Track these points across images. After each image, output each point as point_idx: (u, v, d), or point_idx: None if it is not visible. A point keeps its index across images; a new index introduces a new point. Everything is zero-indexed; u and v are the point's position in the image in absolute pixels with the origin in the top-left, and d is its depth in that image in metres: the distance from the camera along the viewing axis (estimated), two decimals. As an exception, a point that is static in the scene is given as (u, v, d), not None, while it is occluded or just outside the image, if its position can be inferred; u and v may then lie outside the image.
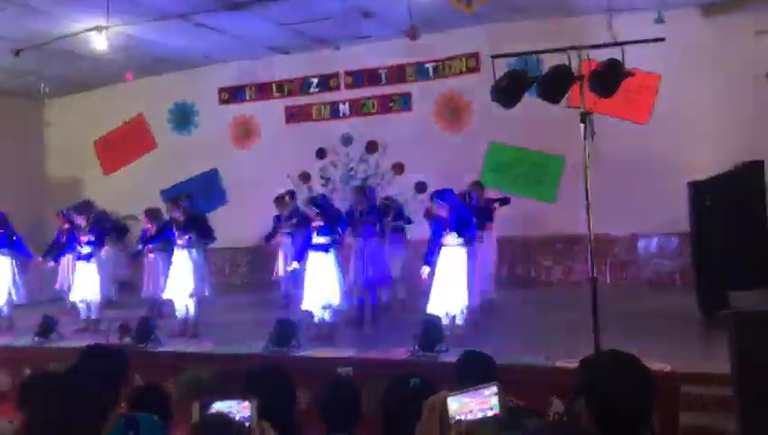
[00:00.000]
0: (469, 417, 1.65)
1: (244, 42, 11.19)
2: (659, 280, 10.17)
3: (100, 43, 9.96)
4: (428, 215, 8.27)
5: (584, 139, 4.95)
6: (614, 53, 5.20)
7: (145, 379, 6.04)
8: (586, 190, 5.04)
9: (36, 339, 7.91)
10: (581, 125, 4.99)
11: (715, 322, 6.69)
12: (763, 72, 7.83)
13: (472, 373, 2.80)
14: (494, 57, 4.88)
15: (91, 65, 11.65)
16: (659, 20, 8.10)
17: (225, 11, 9.07)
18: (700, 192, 7.21)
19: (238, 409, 1.90)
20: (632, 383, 1.80)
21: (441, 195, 7.06)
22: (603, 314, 5.37)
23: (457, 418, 1.63)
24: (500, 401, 1.68)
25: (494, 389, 1.70)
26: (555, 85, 4.88)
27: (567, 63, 4.91)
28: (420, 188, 11.30)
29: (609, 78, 4.83)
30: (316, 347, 6.95)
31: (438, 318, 6.72)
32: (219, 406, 1.95)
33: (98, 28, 9.75)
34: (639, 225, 9.97)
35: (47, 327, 7.93)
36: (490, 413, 1.67)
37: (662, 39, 4.99)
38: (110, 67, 11.62)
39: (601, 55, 5.25)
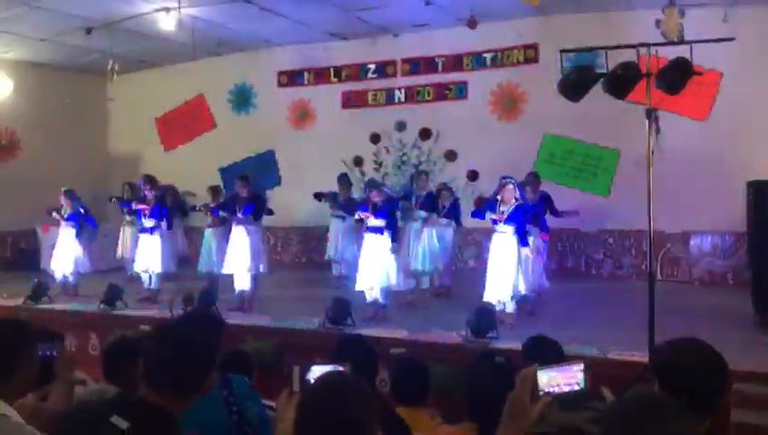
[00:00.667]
0: (556, 390, 1.79)
1: (305, 26, 11.40)
2: (711, 279, 10.11)
3: (167, 23, 10.29)
4: (480, 202, 8.44)
5: (648, 135, 4.99)
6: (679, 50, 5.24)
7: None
8: (648, 186, 5.10)
9: (102, 306, 8.30)
10: (646, 121, 5.03)
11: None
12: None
13: (540, 356, 2.94)
14: (562, 51, 4.96)
15: (155, 44, 11.99)
16: (726, 19, 8.00)
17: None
18: (760, 192, 7.16)
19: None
20: (707, 368, 1.93)
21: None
22: (656, 310, 5.44)
23: (546, 390, 1.78)
24: (585, 378, 1.82)
25: (581, 365, 1.84)
26: (622, 81, 4.94)
27: (635, 60, 4.96)
28: (472, 176, 11.40)
29: (677, 76, 4.88)
30: (370, 327, 7.16)
31: (492, 305, 6.87)
32: (318, 369, 2.13)
33: (166, 9, 10.08)
34: (693, 222, 9.90)
35: (113, 295, 8.31)
36: (576, 388, 1.81)
37: (731, 39, 5.02)
38: (173, 47, 11.93)
39: (666, 53, 5.31)
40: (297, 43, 12.51)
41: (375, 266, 7.64)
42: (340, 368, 2.15)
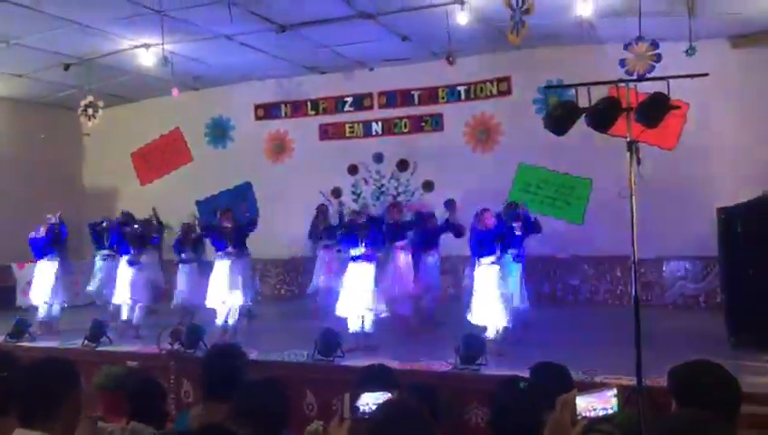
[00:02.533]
0: (592, 414, 1.94)
1: (282, 61, 11.60)
2: (684, 302, 10.43)
3: (146, 59, 10.37)
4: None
5: (630, 166, 5.23)
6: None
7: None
8: (632, 216, 5.31)
9: (86, 343, 8.24)
10: (627, 153, 5.27)
11: (744, 344, 7.00)
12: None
13: (547, 386, 3.06)
14: (547, 88, 5.19)
15: (133, 80, 12.06)
16: (691, 52, 8.38)
17: (276, 33, 9.43)
18: (730, 218, 7.47)
19: (384, 399, 2.17)
20: (723, 387, 2.11)
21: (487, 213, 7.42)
22: (632, 333, 5.61)
23: (584, 414, 1.92)
24: (618, 402, 1.97)
25: (615, 390, 1.99)
26: (604, 115, 5.18)
27: (615, 95, 5.22)
28: (450, 205, 11.58)
29: (656, 110, 5.14)
30: (359, 358, 7.22)
31: (480, 333, 7.02)
32: (368, 397, 2.22)
33: (146, 45, 10.18)
34: (666, 248, 10.23)
35: (98, 331, 8.25)
36: (610, 412, 1.96)
37: (706, 74, 5.31)
38: (151, 82, 12.00)
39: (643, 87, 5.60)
40: (274, 76, 12.69)
41: (356, 293, 7.78)
42: (388, 394, 2.24)
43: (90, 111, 10.89)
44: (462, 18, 8.62)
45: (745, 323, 7.01)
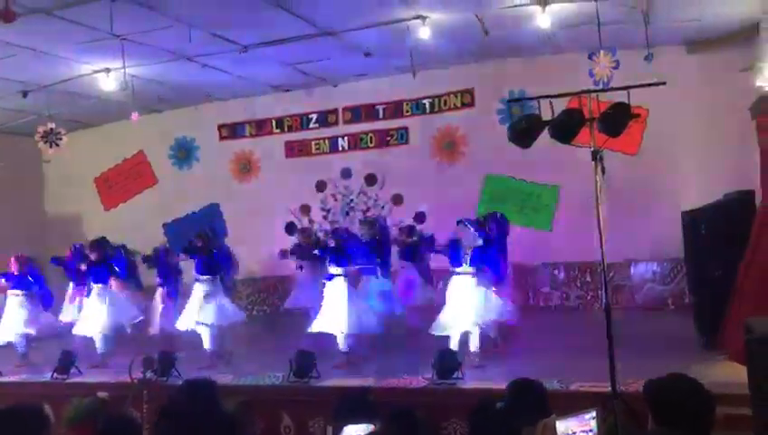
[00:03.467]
0: (572, 438, 1.95)
1: (246, 81, 11.54)
2: (653, 304, 10.57)
3: (107, 84, 10.21)
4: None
5: (595, 174, 5.30)
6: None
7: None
8: (598, 223, 5.38)
9: (55, 375, 8.05)
10: (593, 162, 5.35)
11: (713, 344, 7.12)
12: (747, 107, 8.30)
13: (524, 405, 3.04)
14: (510, 101, 5.25)
15: (94, 104, 11.87)
16: (650, 58, 8.56)
17: (239, 54, 9.39)
18: (694, 221, 7.61)
19: (367, 430, 2.17)
20: (697, 399, 2.14)
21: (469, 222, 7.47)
22: (605, 338, 5.66)
23: (564, 437, 1.93)
24: (598, 424, 1.99)
25: (594, 413, 2.01)
26: (568, 127, 5.25)
27: (578, 107, 5.29)
28: (419, 218, 11.65)
29: (618, 119, 5.23)
30: (336, 376, 7.19)
31: (452, 349, 7.03)
32: (351, 429, 2.21)
33: (107, 70, 10.04)
34: (634, 251, 10.38)
35: (67, 363, 8.08)
36: (590, 434, 1.97)
37: (664, 83, 5.42)
38: (112, 106, 11.83)
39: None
40: (238, 96, 12.63)
41: (331, 311, 7.78)
42: (371, 426, 2.23)
43: (51, 137, 10.67)
44: (424, 33, 8.68)
45: (714, 324, 7.13)
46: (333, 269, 7.93)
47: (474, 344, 7.36)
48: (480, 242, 7.47)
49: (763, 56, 8.51)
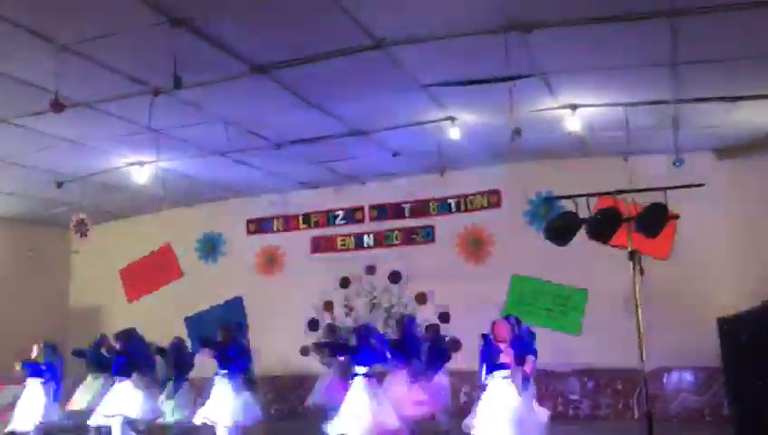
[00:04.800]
0: None
1: (276, 177, 11.72)
2: (688, 414, 10.10)
3: (140, 176, 10.39)
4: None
5: (634, 276, 5.18)
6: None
7: None
8: (638, 327, 5.22)
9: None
10: (630, 263, 5.24)
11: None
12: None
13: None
14: (546, 199, 5.21)
15: (125, 196, 12.08)
16: (678, 163, 8.57)
17: (272, 150, 9.57)
18: (734, 328, 7.38)
19: None
20: None
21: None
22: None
23: None
24: None
25: None
26: (604, 226, 5.18)
27: (614, 206, 5.24)
28: (443, 318, 11.47)
29: (655, 220, 5.16)
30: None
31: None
32: None
33: (140, 163, 10.24)
34: (666, 359, 9.99)
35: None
36: None
37: (702, 185, 5.37)
38: (142, 198, 12.02)
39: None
40: (266, 192, 12.79)
41: (353, 412, 7.50)
42: None
43: (82, 228, 10.80)
44: (454, 133, 8.79)
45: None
46: (358, 369, 7.70)
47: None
48: None
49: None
